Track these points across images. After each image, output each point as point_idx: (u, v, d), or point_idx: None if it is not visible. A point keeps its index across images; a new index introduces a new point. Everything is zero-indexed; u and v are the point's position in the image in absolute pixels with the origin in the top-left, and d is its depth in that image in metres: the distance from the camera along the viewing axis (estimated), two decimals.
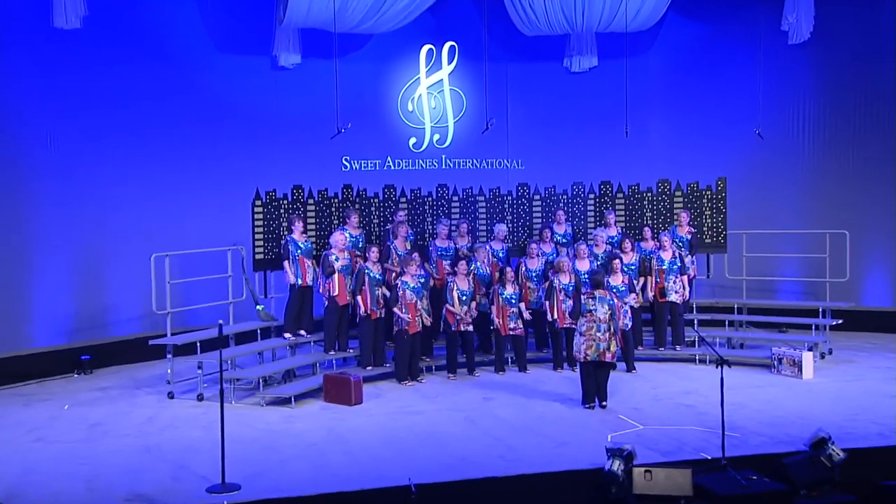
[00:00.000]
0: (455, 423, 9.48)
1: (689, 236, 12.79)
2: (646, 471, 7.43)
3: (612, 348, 9.84)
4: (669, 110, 15.11)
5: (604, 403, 9.92)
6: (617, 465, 7.42)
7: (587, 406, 9.91)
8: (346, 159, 14.18)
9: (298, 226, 11.55)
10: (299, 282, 11.46)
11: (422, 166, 14.57)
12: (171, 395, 10.69)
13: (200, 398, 10.52)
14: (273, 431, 9.21)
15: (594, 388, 9.93)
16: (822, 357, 12.26)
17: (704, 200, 13.36)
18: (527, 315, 11.83)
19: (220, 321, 8.02)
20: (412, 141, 14.64)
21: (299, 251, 11.47)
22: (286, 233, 11.74)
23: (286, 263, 11.46)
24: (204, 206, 13.20)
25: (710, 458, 8.04)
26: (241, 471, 7.85)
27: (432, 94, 14.70)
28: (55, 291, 12.31)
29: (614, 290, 11.25)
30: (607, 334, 9.79)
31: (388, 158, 14.46)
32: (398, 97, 14.57)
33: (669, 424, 9.22)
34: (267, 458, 8.31)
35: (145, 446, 8.70)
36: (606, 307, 9.82)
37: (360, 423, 9.49)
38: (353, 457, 8.34)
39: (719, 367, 7.89)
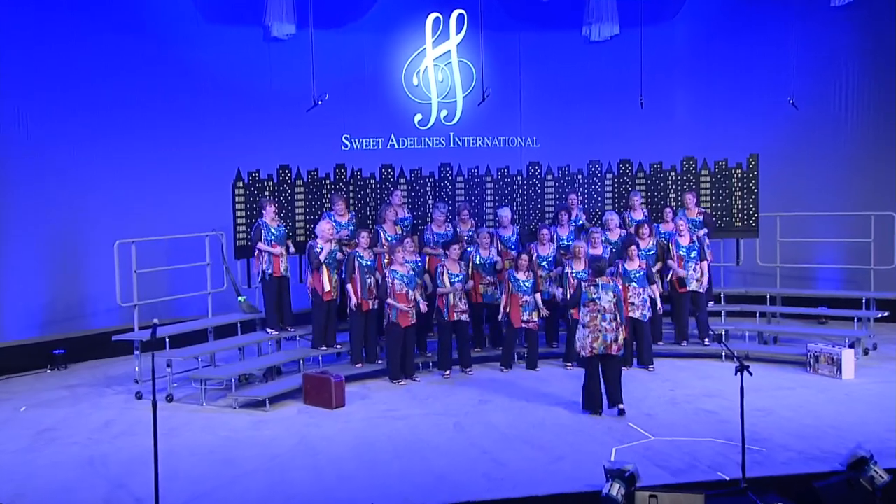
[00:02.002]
0: (441, 430, 8.43)
1: (702, 217, 11.62)
2: (651, 496, 6.41)
3: (620, 340, 8.76)
4: (696, 81, 14.02)
5: (621, 406, 8.74)
6: (616, 490, 6.40)
7: (591, 413, 8.78)
8: (346, 137, 13.25)
9: (270, 210, 10.52)
10: (270, 272, 10.43)
11: (428, 145, 13.59)
12: (139, 396, 9.78)
13: (169, 399, 9.61)
14: (237, 440, 8.24)
15: (598, 393, 8.80)
16: (865, 353, 11.10)
17: (734, 179, 12.18)
18: (544, 311, 10.71)
19: (155, 320, 7.04)
20: (418, 118, 13.63)
21: (272, 237, 10.45)
22: (258, 216, 10.70)
23: (261, 245, 10.42)
24: (189, 189, 12.33)
25: (727, 478, 6.93)
26: (187, 489, 6.92)
27: (439, 66, 13.68)
28: (27, 280, 11.53)
29: (632, 276, 10.18)
30: (614, 324, 8.71)
31: (392, 136, 13.48)
32: (402, 70, 13.56)
33: (684, 435, 8.08)
34: (220, 473, 7.34)
35: (90, 457, 7.78)
36: (611, 295, 8.72)
37: (336, 430, 8.49)
38: (317, 472, 7.34)
39: (739, 374, 6.73)
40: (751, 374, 6.73)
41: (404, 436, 8.27)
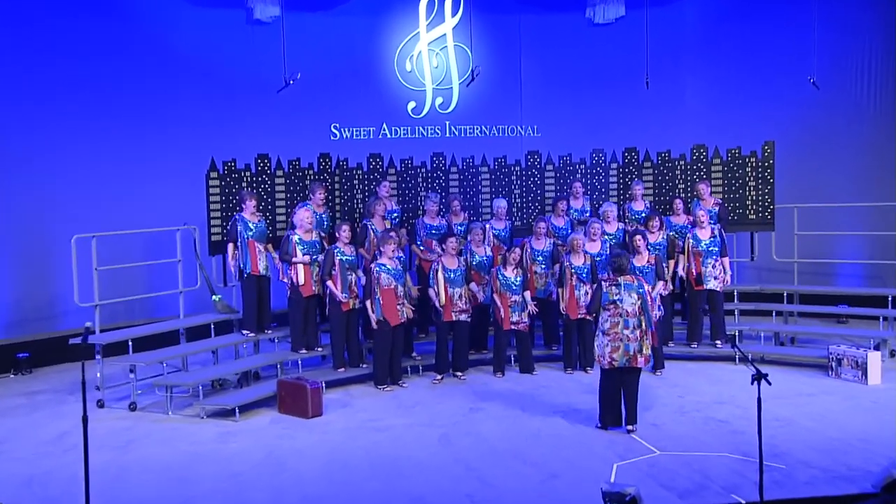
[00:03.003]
0: (425, 443, 7.64)
1: (717, 208, 10.79)
2: None
3: (646, 350, 7.73)
4: (706, 64, 13.28)
5: (630, 427, 7.75)
6: None
7: (603, 428, 7.91)
8: (335, 127, 12.51)
9: (250, 203, 9.73)
10: (248, 270, 9.65)
11: (422, 134, 12.95)
12: (100, 404, 9.01)
13: (133, 408, 8.86)
14: (197, 454, 7.47)
15: (618, 405, 7.85)
16: (892, 355, 10.34)
17: (748, 169, 11.37)
18: (532, 308, 9.91)
19: (88, 323, 6.23)
20: (411, 105, 12.94)
21: (250, 233, 9.65)
22: (236, 210, 9.92)
23: (230, 246, 9.66)
24: (160, 180, 11.59)
25: (743, 501, 6.13)
26: None
27: (434, 51, 12.99)
28: None
29: (638, 273, 9.31)
30: (638, 331, 7.68)
31: (384, 125, 12.81)
32: (395, 55, 12.87)
33: (694, 449, 7.27)
34: (170, 495, 6.57)
35: (30, 476, 7.01)
36: (635, 296, 7.72)
37: (310, 443, 7.71)
38: (279, 494, 6.55)
39: (756, 384, 5.89)
40: (769, 383, 5.88)
41: (383, 450, 7.48)
